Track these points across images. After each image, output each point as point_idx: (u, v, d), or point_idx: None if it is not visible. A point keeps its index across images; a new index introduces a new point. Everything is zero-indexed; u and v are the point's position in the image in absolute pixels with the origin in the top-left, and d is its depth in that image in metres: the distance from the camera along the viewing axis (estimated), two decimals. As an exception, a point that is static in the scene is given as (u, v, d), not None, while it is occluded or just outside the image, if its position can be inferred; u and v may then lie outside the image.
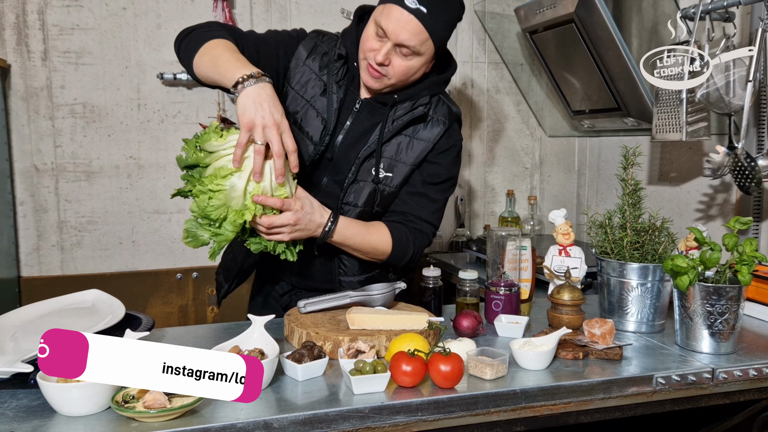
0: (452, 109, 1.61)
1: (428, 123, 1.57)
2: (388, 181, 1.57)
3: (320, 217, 1.45)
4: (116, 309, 1.39)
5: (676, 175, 2.42)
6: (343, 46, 1.55)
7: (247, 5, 2.74)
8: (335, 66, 1.54)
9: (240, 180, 1.31)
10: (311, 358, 1.22)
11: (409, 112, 1.54)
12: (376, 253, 1.57)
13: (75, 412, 1.05)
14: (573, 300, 1.48)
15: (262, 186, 1.33)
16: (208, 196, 1.30)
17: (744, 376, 1.32)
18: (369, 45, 1.46)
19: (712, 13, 1.83)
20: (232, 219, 1.31)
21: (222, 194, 1.30)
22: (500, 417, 1.18)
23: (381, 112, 1.55)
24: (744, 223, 1.40)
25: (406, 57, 1.45)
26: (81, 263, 2.65)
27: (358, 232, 1.53)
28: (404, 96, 1.54)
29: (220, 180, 1.30)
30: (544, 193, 3.28)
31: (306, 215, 1.40)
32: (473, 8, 3.05)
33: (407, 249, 1.59)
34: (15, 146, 2.54)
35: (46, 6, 2.52)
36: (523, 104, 3.21)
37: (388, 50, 1.43)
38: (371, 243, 1.55)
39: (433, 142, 1.57)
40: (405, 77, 1.49)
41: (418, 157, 1.57)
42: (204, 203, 1.30)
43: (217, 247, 1.35)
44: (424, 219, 1.62)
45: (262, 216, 1.34)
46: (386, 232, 1.57)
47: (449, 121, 1.59)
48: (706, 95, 1.83)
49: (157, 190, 2.72)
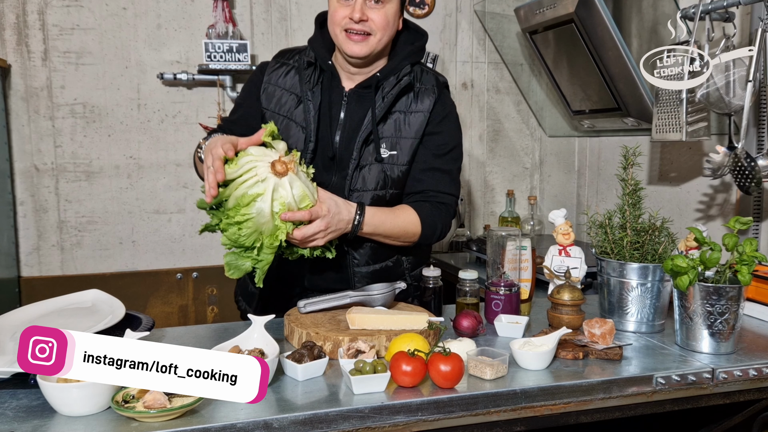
0: (438, 78, 1.66)
1: (418, 94, 1.61)
2: (395, 159, 1.59)
3: (348, 213, 1.47)
4: (116, 309, 1.39)
5: (676, 175, 2.42)
6: (311, 52, 1.61)
7: (247, 5, 2.74)
8: (306, 73, 1.60)
9: (265, 203, 1.32)
10: (311, 358, 1.22)
11: (396, 85, 1.58)
12: (407, 235, 1.59)
13: (75, 412, 1.05)
14: (573, 300, 1.48)
15: (287, 203, 1.35)
16: (237, 227, 1.32)
17: (744, 376, 1.31)
18: (340, 13, 1.51)
19: (712, 13, 1.83)
20: (268, 243, 1.34)
21: (251, 222, 1.32)
22: (500, 417, 1.18)
23: (369, 97, 1.58)
24: (744, 223, 1.40)
25: (379, 4, 1.50)
26: (81, 263, 2.65)
27: (386, 219, 1.55)
28: (386, 72, 1.58)
29: (244, 209, 1.32)
30: (544, 193, 3.28)
31: (334, 217, 1.43)
32: (473, 8, 3.05)
33: (435, 225, 1.61)
34: (15, 146, 2.54)
35: (46, 6, 2.52)
36: (523, 104, 3.21)
37: (360, 5, 1.48)
38: (401, 226, 1.57)
39: (428, 111, 1.60)
40: (386, 28, 1.53)
41: (419, 129, 1.60)
42: (235, 235, 1.33)
43: (261, 273, 1.38)
44: (443, 191, 1.63)
45: (294, 231, 1.37)
46: (412, 212, 1.59)
47: (438, 89, 1.63)
48: (706, 95, 1.83)
49: (157, 190, 2.72)
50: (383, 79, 1.58)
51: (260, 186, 1.32)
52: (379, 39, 1.53)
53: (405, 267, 1.70)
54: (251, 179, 1.33)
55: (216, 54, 2.57)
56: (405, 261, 1.70)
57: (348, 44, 1.52)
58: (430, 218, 1.60)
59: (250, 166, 1.34)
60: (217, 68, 2.59)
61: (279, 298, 1.72)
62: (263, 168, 1.33)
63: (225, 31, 2.61)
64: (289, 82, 1.62)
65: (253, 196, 1.32)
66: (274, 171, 1.34)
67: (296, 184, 1.36)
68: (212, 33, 2.62)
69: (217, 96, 2.71)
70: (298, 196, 1.36)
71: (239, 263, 1.37)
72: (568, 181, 3.25)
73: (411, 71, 1.60)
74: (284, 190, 1.34)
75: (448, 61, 3.05)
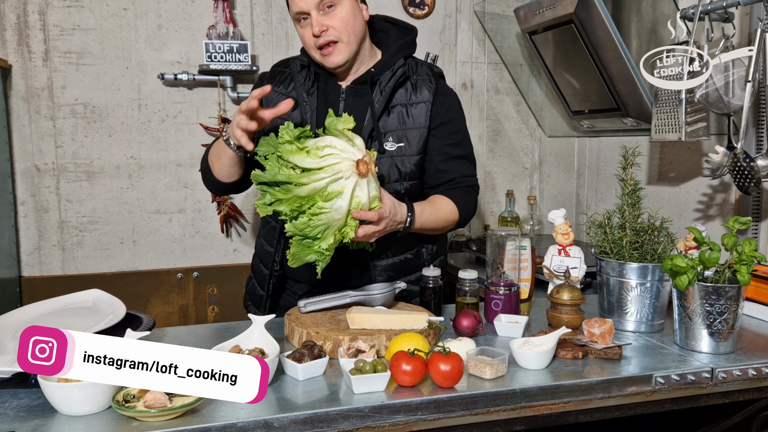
0: (433, 69, 1.70)
1: (415, 85, 1.64)
2: (404, 151, 1.62)
3: (401, 216, 1.51)
4: (117, 309, 1.40)
5: (675, 175, 2.43)
6: (304, 57, 1.66)
7: (247, 6, 2.74)
8: (300, 77, 1.64)
9: (344, 201, 1.34)
10: (311, 358, 1.22)
11: (392, 77, 1.61)
12: (448, 224, 1.67)
13: (76, 411, 1.05)
14: (572, 300, 1.49)
15: (363, 203, 1.37)
16: (308, 218, 1.33)
17: (743, 375, 1.32)
18: (306, 36, 1.56)
19: (712, 13, 1.83)
20: (338, 239, 1.37)
21: (325, 216, 1.33)
22: (500, 416, 1.19)
23: (366, 91, 1.62)
24: (743, 223, 1.40)
25: (331, 9, 1.53)
26: (82, 263, 2.66)
27: (431, 214, 1.60)
28: (380, 66, 1.62)
29: (323, 203, 1.33)
30: (544, 193, 3.29)
31: (391, 218, 1.47)
32: (473, 9, 3.05)
33: (469, 208, 1.70)
34: (16, 146, 2.54)
35: (47, 6, 2.52)
36: (522, 104, 3.21)
37: (316, 19, 1.52)
38: (443, 218, 1.64)
39: (429, 101, 1.64)
40: (348, 27, 1.55)
41: (425, 120, 1.63)
42: (304, 225, 1.33)
43: (323, 265, 1.40)
44: (468, 175, 1.72)
45: (358, 229, 1.40)
46: (449, 202, 1.65)
47: (435, 79, 1.67)
48: (705, 95, 1.83)
49: (158, 190, 2.72)
50: (378, 74, 1.61)
51: (342, 183, 1.34)
52: (348, 41, 1.56)
53: (425, 258, 1.73)
54: (335, 175, 1.33)
55: (216, 54, 2.57)
56: (425, 252, 1.73)
57: (324, 59, 1.57)
58: (465, 202, 1.68)
59: (334, 161, 1.34)
60: (218, 68, 2.59)
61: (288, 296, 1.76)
62: (347, 165, 1.34)
63: (225, 31, 2.62)
64: (285, 88, 1.67)
65: (335, 193, 1.33)
66: (358, 171, 1.35)
67: (372, 185, 1.39)
68: (213, 33, 2.62)
69: (217, 96, 2.71)
70: (373, 196, 1.39)
71: (304, 255, 1.38)
72: (567, 181, 3.25)
73: (405, 64, 1.63)
74: (362, 190, 1.37)
75: (447, 61, 3.05)
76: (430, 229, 1.64)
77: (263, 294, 1.73)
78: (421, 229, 1.60)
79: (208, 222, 2.80)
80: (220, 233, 2.81)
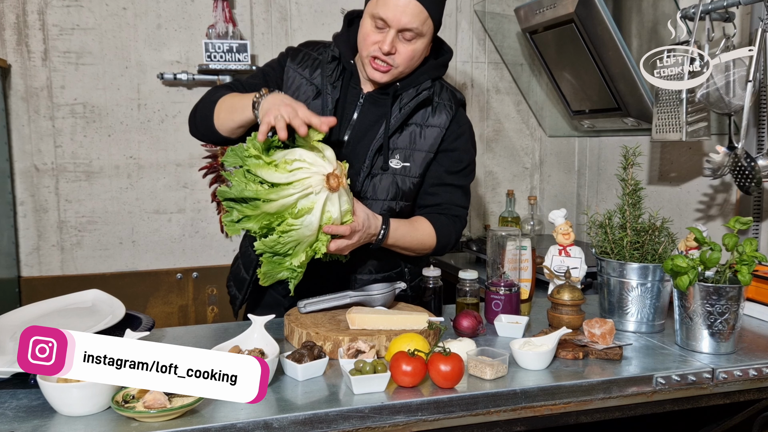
0: (456, 95, 1.66)
1: (435, 108, 1.61)
2: (407, 171, 1.59)
3: (375, 228, 1.49)
4: (116, 309, 1.39)
5: (676, 175, 2.42)
6: (336, 48, 1.60)
7: (247, 5, 2.74)
8: (329, 67, 1.59)
9: (314, 217, 1.30)
10: (311, 358, 1.22)
11: (414, 98, 1.57)
12: (423, 247, 1.62)
13: (75, 412, 1.05)
14: (573, 300, 1.48)
15: (334, 218, 1.34)
16: (278, 236, 1.30)
17: (744, 376, 1.31)
18: (371, 39, 1.49)
19: (712, 13, 1.83)
20: (309, 255, 1.35)
21: (295, 233, 1.30)
22: (500, 417, 1.18)
23: (385, 103, 1.59)
24: (744, 223, 1.40)
25: (410, 41, 1.49)
26: (81, 263, 2.65)
27: (406, 232, 1.57)
28: (406, 83, 1.58)
29: (293, 220, 1.29)
30: (544, 193, 3.28)
31: (365, 231, 1.45)
32: (473, 8, 3.05)
33: (450, 237, 1.65)
34: (15, 146, 2.54)
35: (46, 6, 2.52)
36: (523, 104, 3.21)
37: (393, 38, 1.47)
38: (419, 239, 1.60)
39: (444, 127, 1.61)
40: (411, 62, 1.52)
41: (434, 144, 1.60)
42: (274, 242, 1.30)
43: (296, 282, 1.39)
44: (458, 205, 1.67)
45: (330, 244, 1.38)
46: (429, 226, 1.61)
47: (455, 107, 1.63)
48: (706, 95, 1.83)
49: (157, 190, 2.72)
50: (402, 90, 1.58)
51: (312, 199, 1.29)
52: (402, 71, 1.53)
53: (406, 279, 1.70)
54: (305, 190, 1.29)
55: (216, 54, 2.57)
56: (407, 273, 1.71)
57: (370, 70, 1.53)
58: (446, 230, 1.63)
59: (303, 175, 1.28)
60: (217, 68, 2.59)
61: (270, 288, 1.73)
62: (317, 180, 1.29)
63: (225, 31, 2.61)
64: (310, 73, 1.61)
65: (305, 209, 1.29)
66: (329, 185, 1.31)
67: (344, 198, 1.36)
68: (212, 33, 2.62)
69: (217, 96, 2.71)
70: (344, 210, 1.37)
71: (275, 272, 1.36)
72: (568, 181, 3.25)
73: (431, 86, 1.59)
74: (333, 205, 1.33)
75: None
76: (403, 248, 1.59)
77: (247, 278, 1.70)
78: (394, 246, 1.56)
79: (208, 222, 2.80)
80: (220, 233, 2.81)
